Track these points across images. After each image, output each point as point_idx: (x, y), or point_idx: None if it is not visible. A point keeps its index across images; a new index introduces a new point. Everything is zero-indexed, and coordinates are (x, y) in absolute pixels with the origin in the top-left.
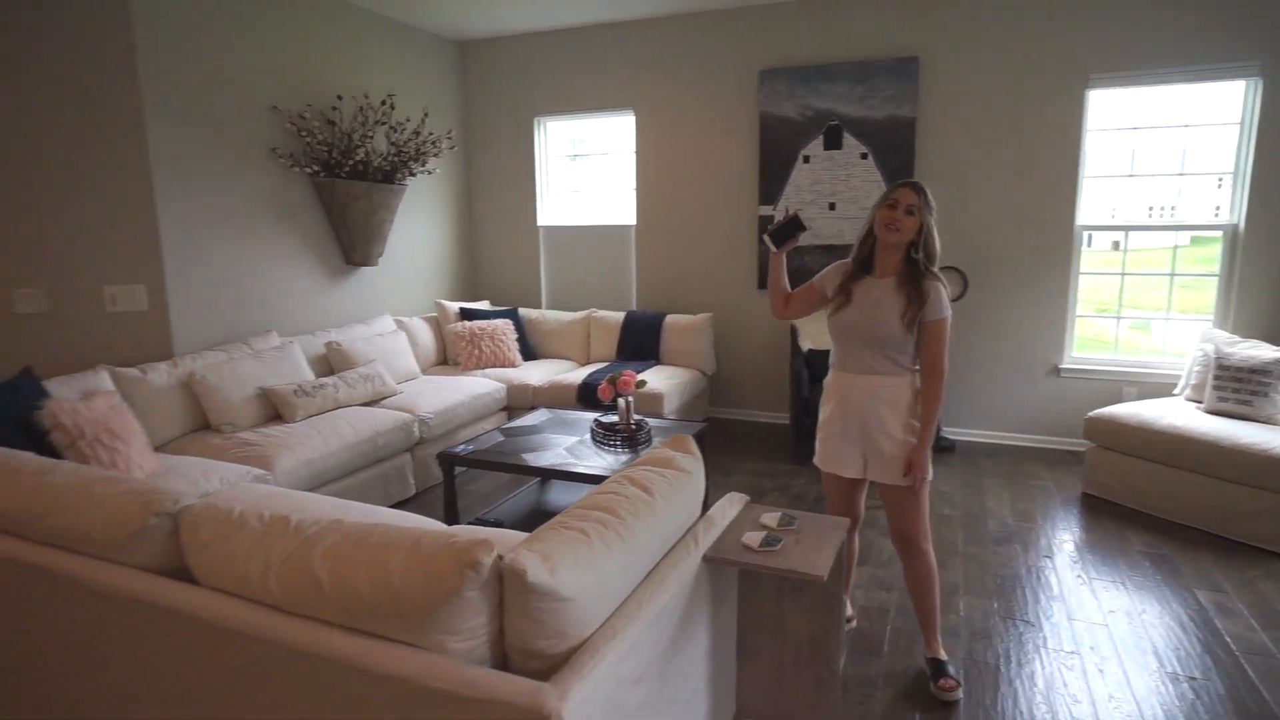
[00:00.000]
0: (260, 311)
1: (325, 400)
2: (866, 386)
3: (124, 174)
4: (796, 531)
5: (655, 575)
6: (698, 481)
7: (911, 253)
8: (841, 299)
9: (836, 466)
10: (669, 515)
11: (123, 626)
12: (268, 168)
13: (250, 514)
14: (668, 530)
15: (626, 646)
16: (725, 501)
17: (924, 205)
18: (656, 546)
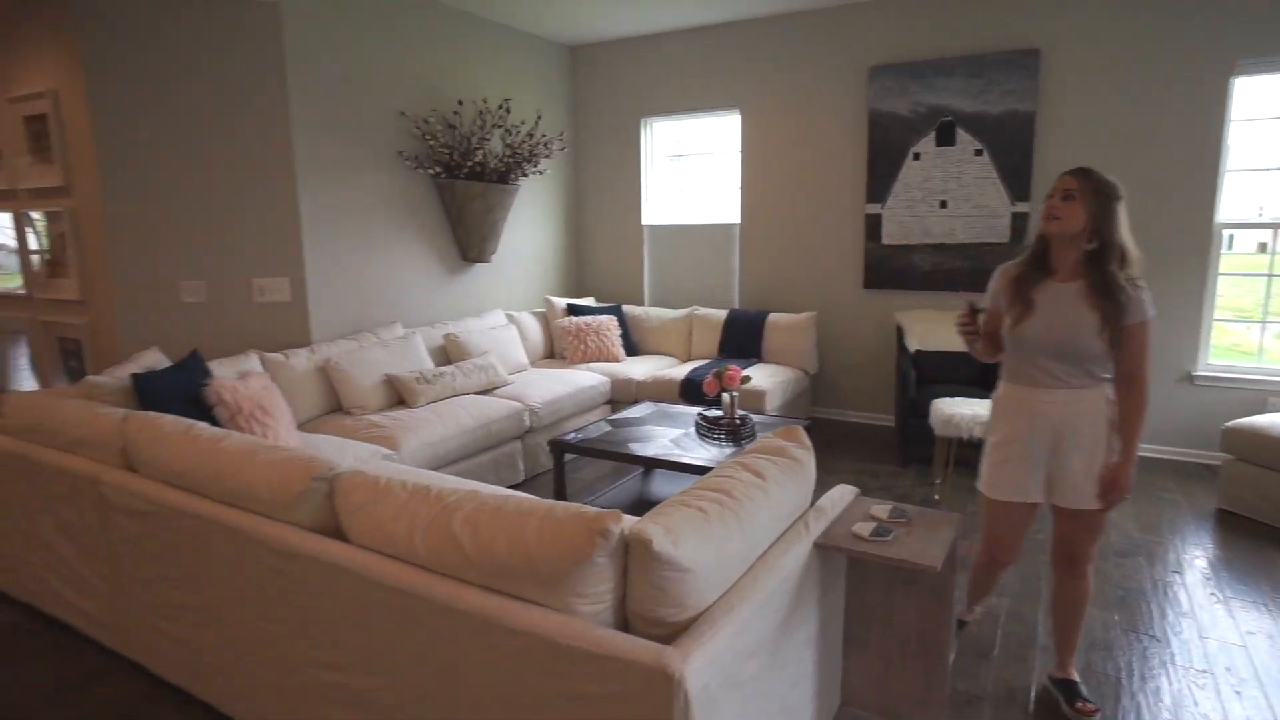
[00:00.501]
0: (386, 304)
1: (444, 388)
2: (1060, 401)
3: (273, 177)
4: (908, 524)
5: (768, 557)
6: (809, 470)
7: (1085, 246)
8: (1021, 308)
9: (1016, 492)
10: (781, 500)
11: (285, 576)
12: (394, 170)
13: (395, 482)
14: (780, 515)
15: (741, 621)
16: (835, 493)
17: (1090, 190)
18: (769, 529)
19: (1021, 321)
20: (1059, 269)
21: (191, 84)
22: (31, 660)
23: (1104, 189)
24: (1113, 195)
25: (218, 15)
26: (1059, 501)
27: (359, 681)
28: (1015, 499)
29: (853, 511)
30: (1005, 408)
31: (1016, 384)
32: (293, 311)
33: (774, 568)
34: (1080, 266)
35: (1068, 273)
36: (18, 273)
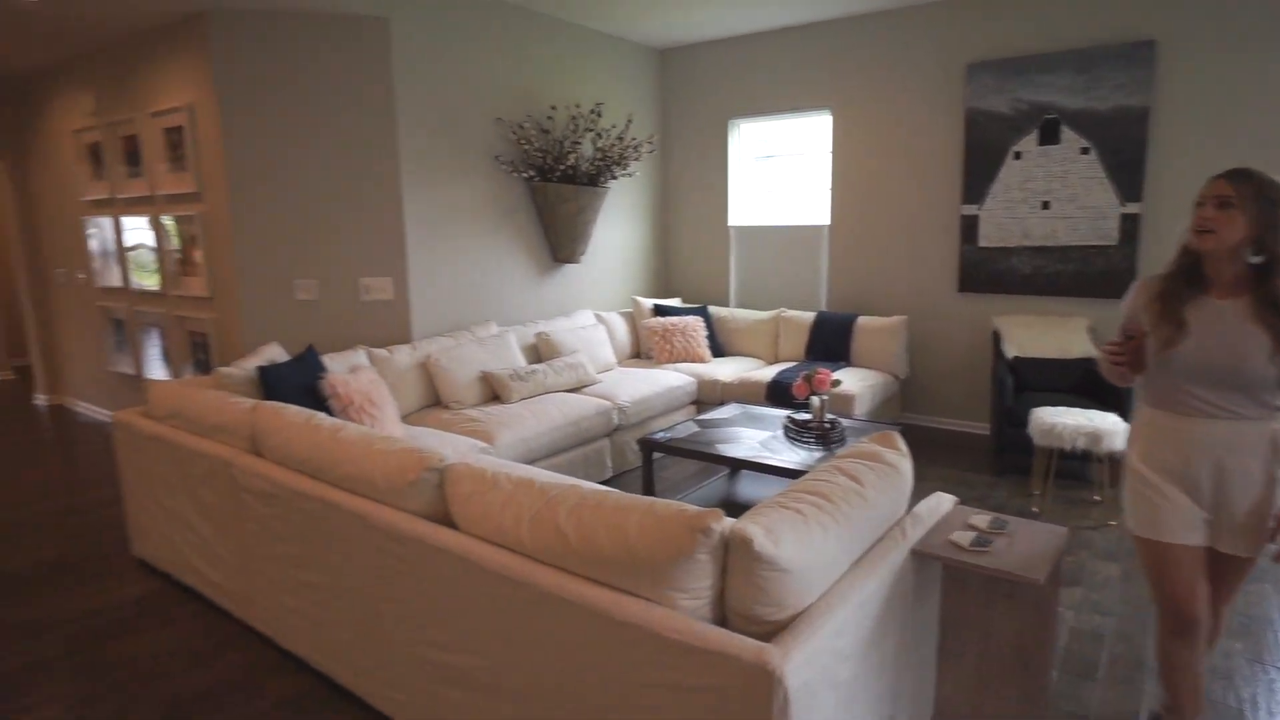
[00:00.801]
0: (481, 302)
1: (536, 385)
2: (1221, 435)
3: (380, 182)
4: (1009, 536)
5: (864, 562)
6: (905, 477)
7: (1249, 259)
8: (1170, 329)
9: (1178, 533)
10: (878, 506)
11: (398, 558)
12: (490, 173)
13: (500, 474)
14: (876, 520)
15: (839, 623)
16: (932, 500)
17: (1252, 194)
18: (866, 534)
19: (1172, 345)
20: (1215, 284)
21: (308, 97)
22: (171, 625)
23: (1270, 192)
24: (1276, 197)
25: (332, 32)
26: (1217, 546)
27: (465, 661)
28: (1178, 541)
29: (951, 520)
30: (1152, 436)
31: (1163, 410)
32: (396, 309)
33: (871, 573)
34: (1243, 281)
35: (1226, 288)
36: (156, 270)
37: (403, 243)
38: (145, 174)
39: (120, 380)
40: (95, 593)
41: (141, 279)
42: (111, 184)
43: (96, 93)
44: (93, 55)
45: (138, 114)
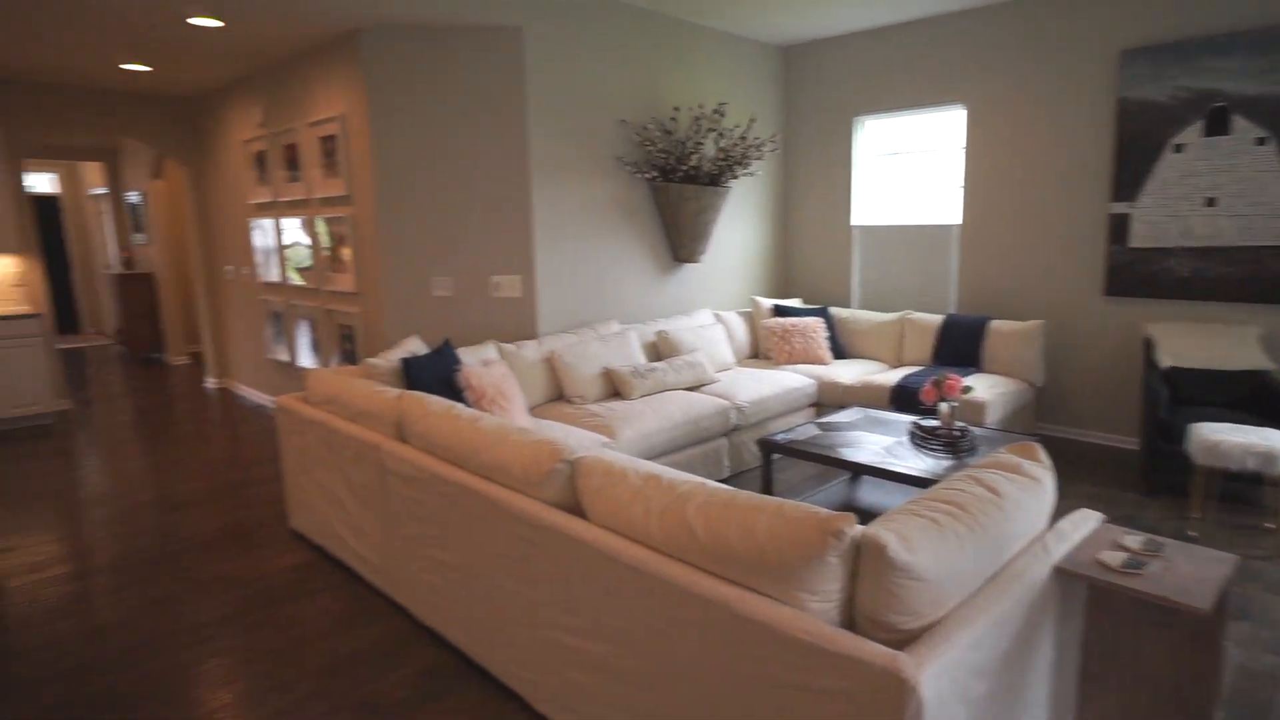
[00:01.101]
0: (603, 301)
1: (656, 383)
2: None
3: (511, 183)
4: (1166, 559)
5: (1003, 576)
6: (1047, 490)
7: None
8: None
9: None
10: (1017, 519)
11: (531, 544)
12: (614, 174)
13: (629, 469)
14: (1015, 534)
15: (976, 636)
16: (1076, 517)
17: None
18: (1004, 548)
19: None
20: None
21: (447, 105)
22: (321, 593)
23: None
24: None
25: (471, 43)
26: None
27: (594, 647)
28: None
29: (1098, 539)
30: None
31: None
32: (523, 306)
33: (1010, 587)
34: None
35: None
36: (309, 267)
37: (531, 242)
38: (302, 179)
39: (276, 367)
40: (262, 559)
41: (296, 275)
42: (273, 188)
43: (264, 106)
44: (262, 73)
45: (298, 124)
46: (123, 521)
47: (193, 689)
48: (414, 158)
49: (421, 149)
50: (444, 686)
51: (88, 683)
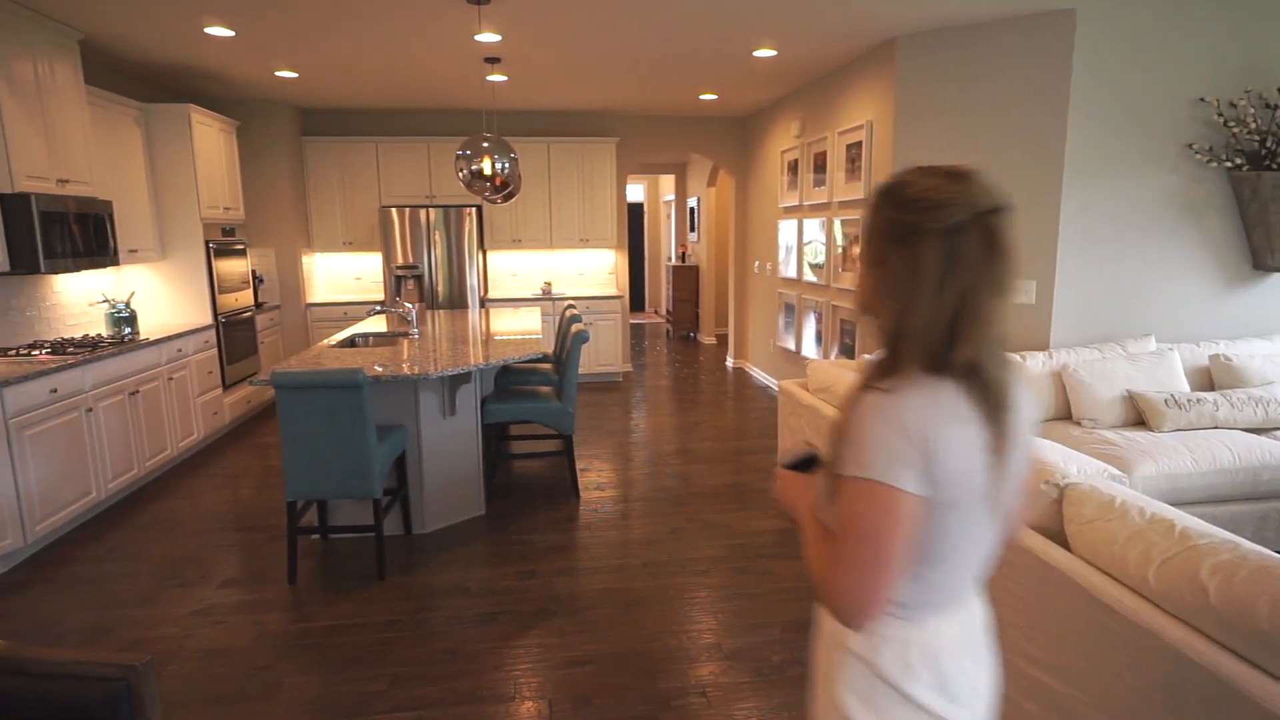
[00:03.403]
0: (1139, 314)
1: (1200, 416)
2: None
3: (1039, 179)
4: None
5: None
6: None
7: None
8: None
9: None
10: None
11: (1004, 562)
12: (1177, 165)
13: (1131, 506)
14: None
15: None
16: None
17: (867, 230)
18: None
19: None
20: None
21: (975, 104)
22: (796, 559)
23: (884, 222)
24: (892, 229)
25: (1010, 36)
26: None
27: (1054, 684)
28: None
29: None
30: None
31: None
32: (1036, 314)
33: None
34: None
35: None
36: (822, 264)
37: (1054, 245)
38: (826, 183)
39: (783, 354)
40: (751, 518)
41: (810, 272)
42: (800, 193)
43: (802, 118)
44: (802, 89)
45: (829, 133)
46: (655, 463)
47: (688, 607)
48: (931, 159)
49: (939, 150)
50: None
51: (622, 580)
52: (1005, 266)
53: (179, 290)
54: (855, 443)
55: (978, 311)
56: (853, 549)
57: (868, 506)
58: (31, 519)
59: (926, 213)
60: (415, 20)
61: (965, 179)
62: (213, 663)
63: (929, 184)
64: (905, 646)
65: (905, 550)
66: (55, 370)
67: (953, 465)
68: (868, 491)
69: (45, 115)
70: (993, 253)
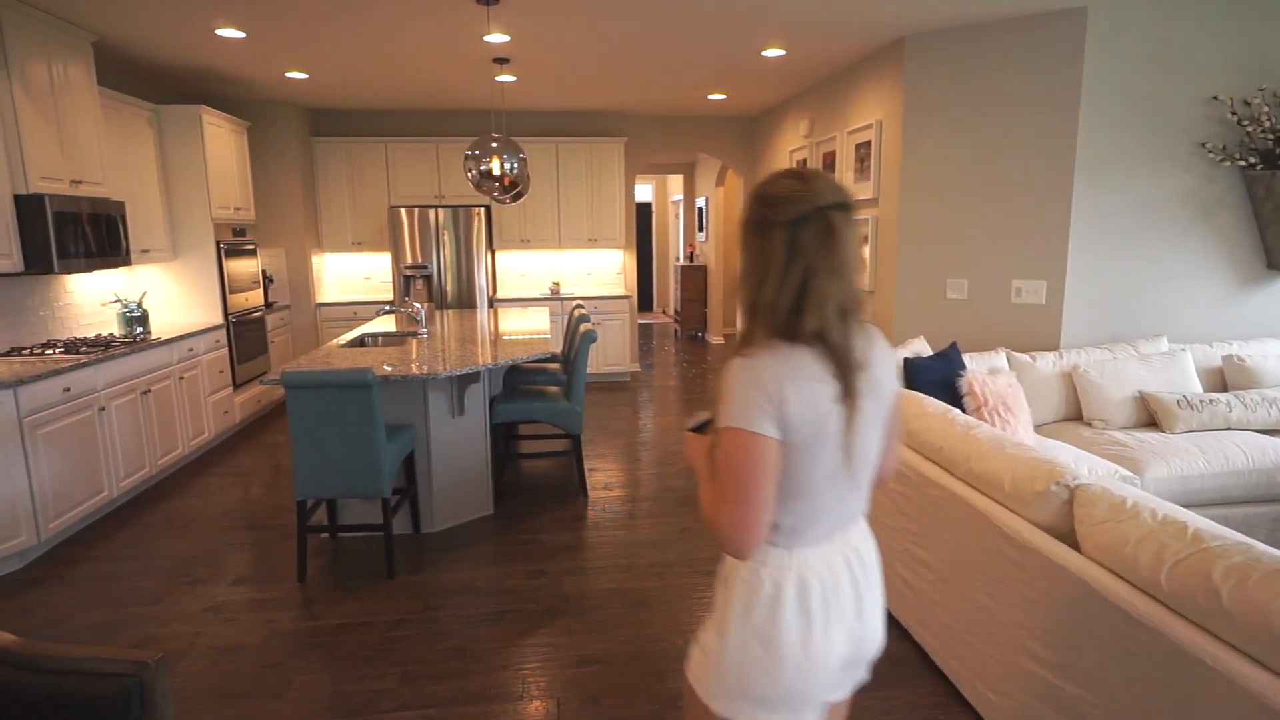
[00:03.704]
0: (1151, 314)
1: (1213, 417)
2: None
3: (1049, 179)
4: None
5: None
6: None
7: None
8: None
9: None
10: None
11: (1013, 562)
12: (1190, 164)
13: (1142, 507)
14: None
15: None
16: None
17: (740, 223)
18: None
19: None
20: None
21: (985, 104)
22: None
23: (753, 213)
24: (755, 219)
25: (1021, 35)
26: None
27: (1066, 686)
28: None
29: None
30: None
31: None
32: (1046, 314)
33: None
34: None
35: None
36: None
37: (1064, 244)
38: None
39: None
40: None
41: None
42: None
43: (811, 118)
44: (811, 88)
45: (837, 132)
46: (662, 464)
47: (696, 607)
48: (941, 159)
49: (949, 150)
50: (900, 677)
51: (630, 580)
52: (841, 252)
53: (190, 290)
54: (725, 400)
55: (818, 290)
56: (728, 487)
57: (736, 450)
58: (45, 517)
59: (776, 208)
60: (425, 21)
61: (811, 180)
62: (223, 660)
63: (782, 184)
64: (780, 570)
65: (769, 486)
66: (68, 369)
67: (802, 414)
68: (735, 438)
69: (59, 117)
70: (830, 241)
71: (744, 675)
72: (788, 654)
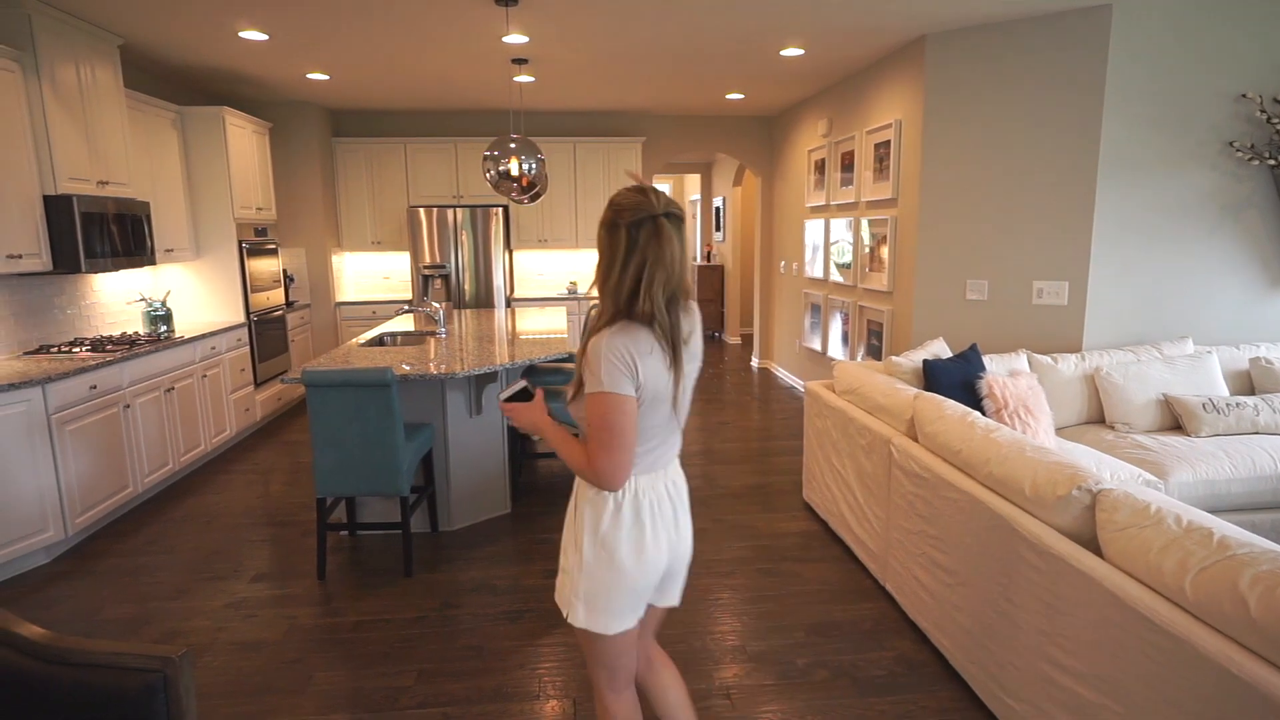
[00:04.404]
0: (1175, 316)
1: (1239, 421)
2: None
3: (1072, 179)
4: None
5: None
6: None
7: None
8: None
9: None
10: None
11: (1032, 568)
12: (1217, 164)
13: (1167, 513)
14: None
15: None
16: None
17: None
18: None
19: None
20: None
21: (1007, 102)
22: (820, 561)
23: (607, 217)
24: (607, 221)
25: (1044, 33)
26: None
27: (1089, 694)
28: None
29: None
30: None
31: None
32: (1068, 315)
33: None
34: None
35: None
36: (849, 264)
37: (1087, 245)
38: (854, 183)
39: (809, 355)
40: (776, 520)
41: (836, 272)
42: (827, 192)
43: (829, 117)
44: (830, 88)
45: (856, 132)
46: (681, 465)
47: (712, 609)
48: (961, 158)
49: (970, 149)
50: (918, 682)
51: None
52: (669, 249)
53: (213, 289)
54: (594, 370)
55: (649, 280)
56: (606, 437)
57: (611, 409)
58: (72, 512)
59: (622, 213)
60: (444, 22)
61: (650, 194)
62: (244, 655)
63: (629, 196)
64: (621, 494)
65: (634, 434)
66: (95, 367)
67: (647, 378)
68: (610, 400)
69: (87, 119)
70: (660, 240)
71: (595, 580)
72: (626, 555)
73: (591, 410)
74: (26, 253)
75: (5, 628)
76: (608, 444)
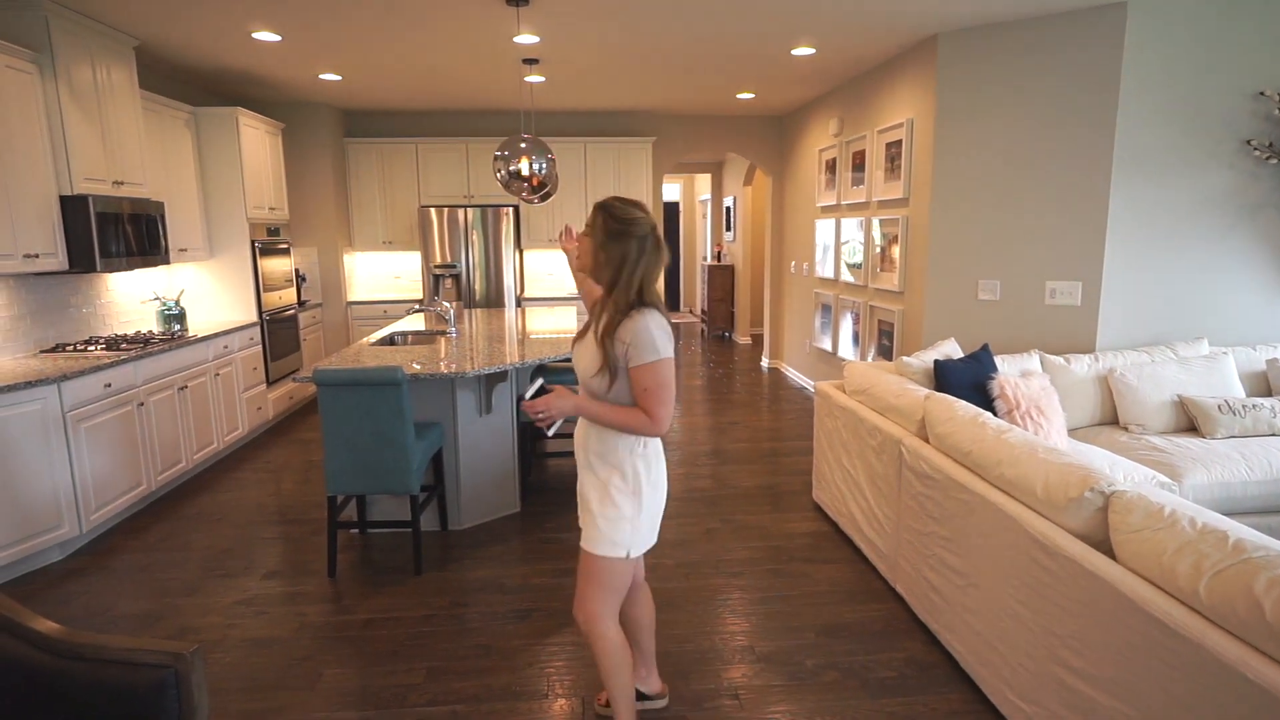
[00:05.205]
0: (1191, 317)
1: (1256, 423)
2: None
3: (1085, 178)
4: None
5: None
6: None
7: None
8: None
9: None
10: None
11: (1044, 570)
12: (1235, 163)
13: (1181, 515)
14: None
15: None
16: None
17: (596, 230)
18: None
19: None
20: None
21: (1019, 101)
22: (830, 562)
23: (603, 222)
24: (607, 228)
25: (1057, 32)
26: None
27: (1101, 698)
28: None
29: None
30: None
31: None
32: (1081, 316)
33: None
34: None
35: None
36: (860, 264)
37: (1101, 245)
38: (865, 183)
39: (819, 355)
40: (786, 520)
41: (847, 272)
42: (838, 192)
43: (840, 116)
44: (840, 87)
45: (867, 131)
46: (691, 464)
47: (721, 609)
48: (974, 157)
49: (983, 148)
50: (929, 683)
51: (656, 580)
52: (660, 256)
53: (226, 288)
54: (645, 344)
55: (650, 278)
56: (664, 394)
57: (665, 370)
58: (86, 508)
59: (633, 225)
60: (455, 23)
61: (644, 209)
62: (255, 652)
63: (630, 210)
64: (642, 448)
65: (675, 386)
66: (109, 366)
67: (672, 345)
68: (662, 364)
69: (103, 119)
70: (657, 250)
71: (625, 520)
72: (648, 494)
73: (649, 377)
74: (43, 252)
75: (20, 623)
76: (666, 399)
